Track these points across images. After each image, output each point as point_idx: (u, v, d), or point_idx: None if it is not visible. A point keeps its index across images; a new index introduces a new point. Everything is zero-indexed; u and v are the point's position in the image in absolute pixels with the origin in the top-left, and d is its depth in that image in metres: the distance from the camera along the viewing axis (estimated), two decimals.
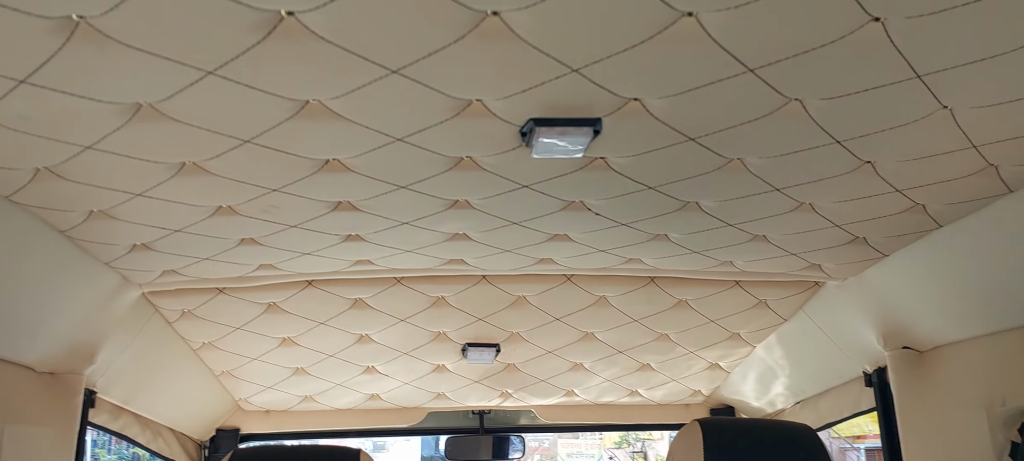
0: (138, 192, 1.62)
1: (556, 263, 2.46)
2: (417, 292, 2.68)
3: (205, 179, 1.58)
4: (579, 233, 2.15)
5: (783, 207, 1.90)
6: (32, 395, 2.16)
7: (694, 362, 3.40)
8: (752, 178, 1.71)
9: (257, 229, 1.94)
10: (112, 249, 1.97)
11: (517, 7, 1.07)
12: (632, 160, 1.63)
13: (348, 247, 2.16)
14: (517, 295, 2.78)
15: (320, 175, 1.62)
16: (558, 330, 3.05)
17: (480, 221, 2.01)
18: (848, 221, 1.99)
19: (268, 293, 2.58)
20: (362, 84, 1.25)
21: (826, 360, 2.96)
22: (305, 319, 2.78)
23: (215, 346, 2.92)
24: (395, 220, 1.97)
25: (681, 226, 2.08)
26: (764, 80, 1.26)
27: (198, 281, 2.37)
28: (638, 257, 2.39)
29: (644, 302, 2.83)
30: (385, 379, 3.44)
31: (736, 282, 2.70)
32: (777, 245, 2.22)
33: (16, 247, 1.73)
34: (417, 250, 2.25)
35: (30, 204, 1.62)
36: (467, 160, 1.62)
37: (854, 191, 1.77)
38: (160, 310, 2.56)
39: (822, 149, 1.54)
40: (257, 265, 2.27)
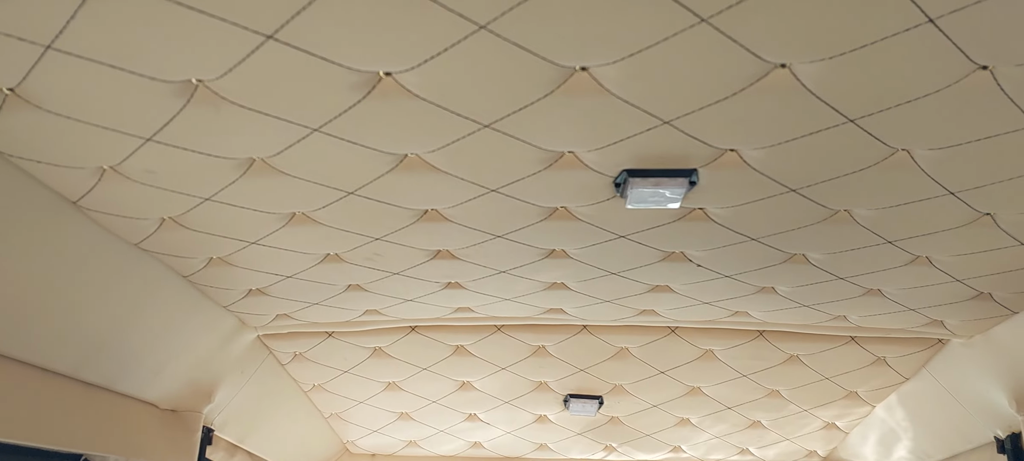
0: (253, 240, 1.71)
1: (659, 314, 2.42)
2: (517, 340, 2.69)
3: (313, 228, 1.66)
4: (681, 284, 2.11)
5: (897, 260, 1.81)
6: (155, 431, 2.29)
7: (808, 421, 3.24)
8: (861, 230, 1.64)
9: (362, 276, 2.01)
10: (229, 293, 2.08)
11: (605, 62, 1.08)
12: (732, 211, 1.60)
13: (449, 294, 2.20)
14: (619, 346, 2.75)
15: (419, 225, 1.66)
16: (663, 384, 2.98)
17: (578, 270, 2.01)
18: (970, 276, 1.87)
19: (374, 338, 2.66)
20: (456, 138, 1.28)
21: (953, 423, 2.76)
22: (409, 364, 2.85)
23: (324, 389, 3.02)
24: (493, 268, 1.99)
25: (788, 279, 2.01)
26: (866, 130, 1.22)
27: (309, 325, 2.47)
28: (745, 310, 2.32)
29: (753, 357, 2.73)
30: (487, 427, 3.46)
31: (851, 337, 2.57)
32: (893, 300, 2.11)
33: (144, 291, 1.86)
34: (516, 298, 2.27)
35: (156, 251, 1.74)
36: (562, 210, 1.63)
37: (974, 244, 1.67)
38: (274, 352, 2.67)
39: (935, 200, 1.46)
40: (363, 310, 2.35)
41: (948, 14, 0.95)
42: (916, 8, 0.94)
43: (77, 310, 1.68)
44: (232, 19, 0.96)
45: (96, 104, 1.13)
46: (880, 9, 0.95)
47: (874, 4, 0.94)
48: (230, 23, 0.96)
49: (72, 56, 1.01)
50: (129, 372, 2.07)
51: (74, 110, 1.14)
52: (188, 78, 1.09)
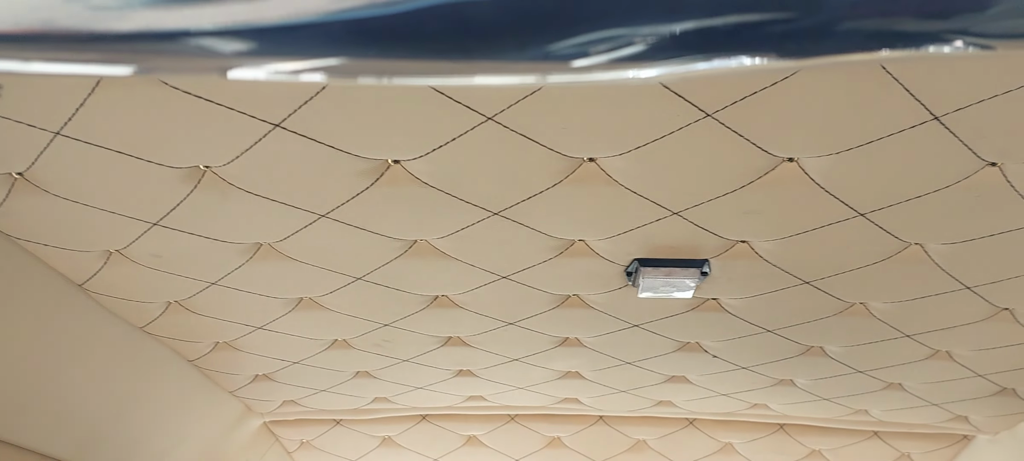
0: (259, 325, 1.70)
1: (676, 406, 2.36)
2: (532, 430, 2.63)
3: (321, 314, 1.65)
4: (697, 375, 2.07)
5: (917, 354, 1.76)
6: None
7: None
8: (878, 323, 1.61)
9: (371, 363, 1.98)
10: (236, 379, 2.06)
11: (612, 154, 1.08)
12: (746, 302, 1.57)
13: (460, 382, 2.17)
14: (636, 438, 2.68)
15: (430, 310, 1.65)
16: None
17: (592, 359, 1.97)
18: (992, 371, 1.82)
19: (383, 426, 2.61)
20: (466, 225, 1.28)
21: None
22: (419, 455, 2.78)
23: None
24: (506, 356, 1.96)
25: (807, 372, 1.96)
26: (877, 224, 1.20)
27: (316, 412, 2.43)
28: (764, 402, 2.27)
29: (774, 451, 2.65)
30: None
31: (875, 433, 2.49)
32: (915, 394, 2.05)
33: (148, 375, 1.84)
34: (530, 387, 2.23)
35: (161, 335, 1.73)
36: (574, 298, 1.61)
37: (994, 339, 1.62)
38: (280, 439, 2.63)
39: (951, 295, 1.43)
40: (372, 398, 2.31)
41: (953, 112, 0.94)
42: (921, 106, 0.93)
43: (79, 394, 1.66)
44: (240, 108, 0.97)
45: (103, 189, 1.13)
46: (885, 107, 0.94)
47: (879, 102, 0.93)
48: (238, 112, 0.97)
49: (81, 142, 1.02)
50: (132, 459, 2.04)
51: (82, 195, 1.15)
52: (195, 164, 1.10)
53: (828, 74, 0.90)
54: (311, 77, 0.41)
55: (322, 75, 0.42)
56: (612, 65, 0.43)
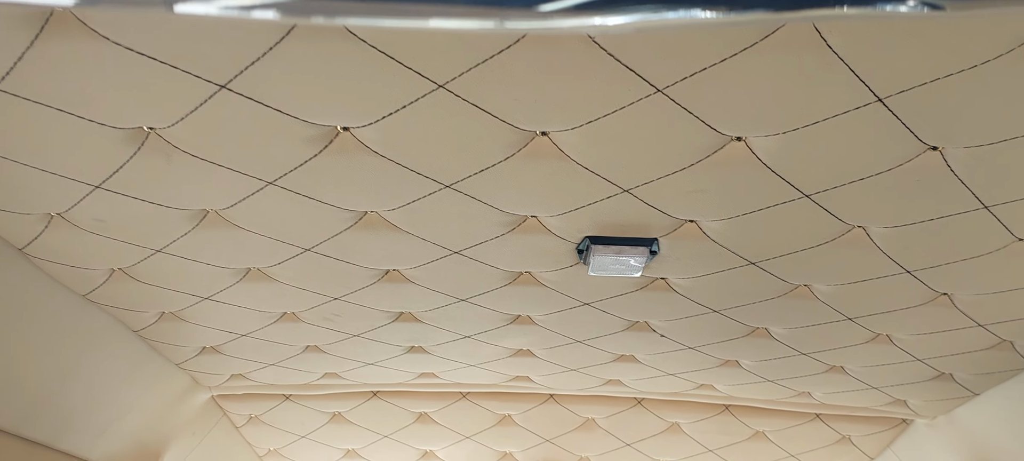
0: (206, 296, 1.67)
1: (625, 385, 2.39)
2: (483, 408, 2.64)
3: (269, 285, 1.63)
4: (646, 355, 2.09)
5: (858, 338, 1.81)
6: None
7: None
8: (821, 306, 1.64)
9: (321, 337, 1.97)
10: (182, 351, 2.03)
11: (564, 128, 1.08)
12: (693, 282, 1.59)
13: (412, 359, 2.16)
14: (586, 417, 2.71)
15: (380, 285, 1.64)
16: (629, 457, 2.93)
17: (543, 337, 1.98)
18: (930, 355, 1.87)
19: (333, 402, 2.59)
20: (417, 197, 1.27)
21: None
22: (369, 431, 2.77)
23: (280, 454, 2.93)
24: (457, 333, 1.96)
25: (752, 353, 2.00)
26: (822, 206, 1.22)
27: (265, 387, 2.40)
28: (710, 383, 2.30)
29: (719, 431, 2.70)
30: None
31: (817, 415, 2.55)
32: (856, 377, 2.10)
33: (91, 345, 1.80)
34: (481, 365, 2.23)
35: (105, 303, 1.69)
36: (526, 275, 1.61)
37: (933, 324, 1.67)
38: (228, 414, 2.60)
39: (892, 278, 1.47)
40: (322, 373, 2.30)
41: (896, 94, 0.96)
42: (865, 87, 0.95)
43: (19, 363, 1.62)
44: (184, 67, 0.95)
45: (43, 149, 1.10)
46: (831, 87, 0.96)
47: (825, 82, 0.95)
48: (182, 71, 0.95)
49: (18, 98, 0.99)
50: (72, 430, 1.99)
51: (19, 154, 1.11)
52: (139, 125, 1.07)
53: (776, 52, 0.92)
54: (263, 14, 0.40)
55: (274, 12, 0.41)
56: (577, 11, 0.43)
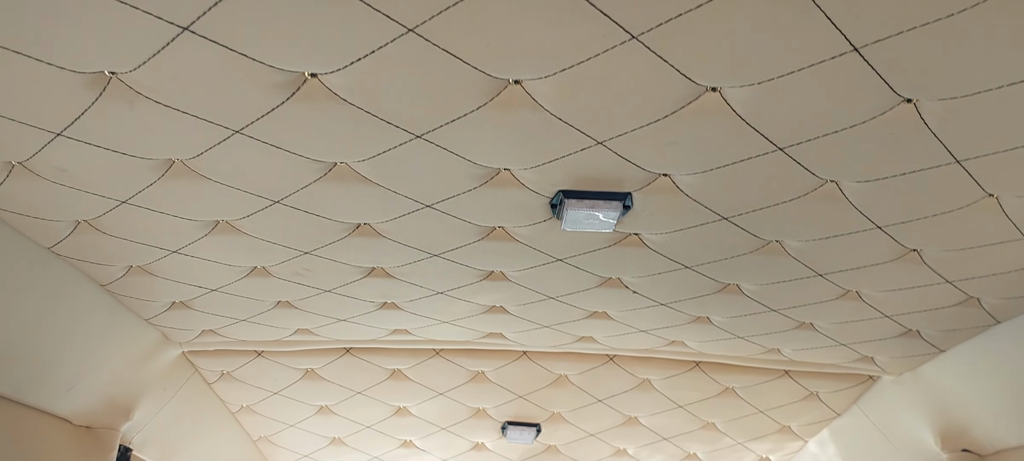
0: (174, 249, 1.64)
1: (597, 342, 2.40)
2: (456, 365, 2.65)
3: (238, 239, 1.60)
4: (618, 311, 2.10)
5: (828, 294, 1.82)
6: (66, 448, 2.18)
7: (743, 454, 3.25)
8: (792, 262, 1.65)
9: (292, 292, 1.95)
10: (151, 306, 2.00)
11: (538, 76, 1.06)
12: (666, 238, 1.59)
13: (384, 315, 2.15)
14: (558, 373, 2.72)
15: (351, 239, 1.62)
16: (601, 412, 2.96)
17: (516, 294, 1.98)
18: (898, 312, 1.90)
19: (306, 359, 2.58)
20: (387, 148, 1.25)
21: (881, 459, 2.79)
22: (343, 388, 2.77)
23: (253, 410, 2.92)
24: (430, 289, 1.95)
25: (722, 309, 2.01)
26: (795, 160, 1.22)
27: (237, 343, 2.38)
28: (681, 340, 2.32)
29: (689, 388, 2.73)
30: (422, 455, 3.38)
31: (785, 371, 2.59)
32: (825, 334, 2.13)
33: (58, 298, 1.77)
34: (454, 322, 2.23)
35: (71, 257, 1.66)
36: (499, 230, 1.60)
37: (901, 280, 1.69)
38: (199, 370, 2.58)
39: (863, 234, 1.48)
40: (294, 329, 2.28)
41: (872, 44, 0.96)
42: (841, 36, 0.94)
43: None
44: (145, 8, 0.91)
45: (1, 94, 1.07)
46: (806, 36, 0.95)
47: (801, 30, 0.94)
48: (143, 12, 0.92)
49: None
50: (40, 384, 1.97)
51: None
52: (100, 70, 1.04)
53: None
54: None
55: None
56: None
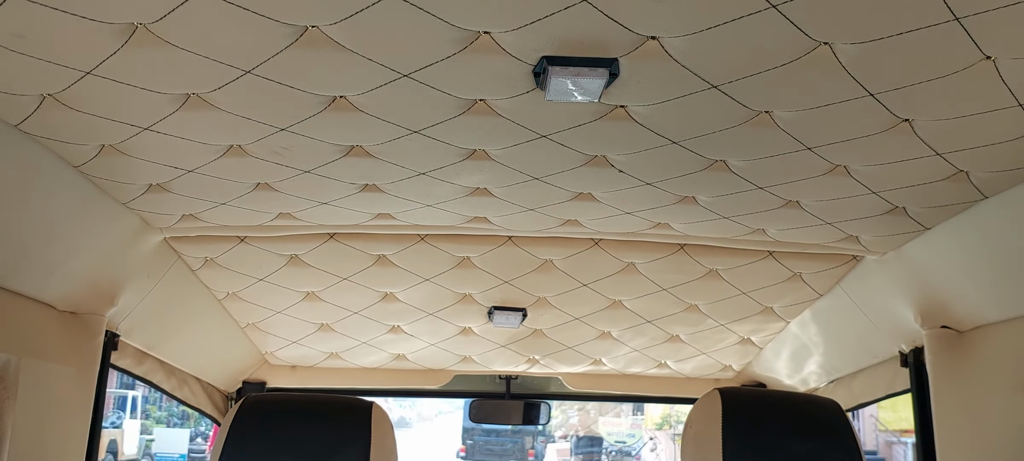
0: (145, 126, 1.59)
1: (582, 225, 2.39)
2: (441, 251, 2.64)
3: (211, 114, 1.55)
4: (604, 192, 2.08)
5: (816, 169, 1.81)
6: (52, 332, 2.18)
7: (724, 335, 3.30)
8: (781, 134, 1.62)
9: (271, 173, 1.91)
10: (128, 189, 1.96)
11: None
12: (653, 109, 1.55)
13: (366, 198, 2.12)
14: (544, 259, 2.73)
15: (328, 114, 1.57)
16: (585, 297, 2.99)
17: (500, 174, 1.95)
18: (886, 188, 1.89)
19: (290, 245, 2.57)
20: (360, 8, 1.19)
21: (862, 339, 2.85)
22: (328, 274, 2.77)
23: (239, 297, 2.92)
24: (412, 169, 1.92)
25: (709, 188, 1.99)
26: (788, 18, 1.18)
27: (219, 228, 2.36)
28: (666, 221, 2.31)
29: (674, 270, 2.75)
30: (411, 339, 3.43)
31: (770, 252, 2.60)
32: (811, 213, 2.12)
33: (30, 180, 1.73)
34: (438, 205, 2.20)
35: (39, 135, 1.61)
36: (481, 104, 1.56)
37: (891, 153, 1.67)
38: (183, 257, 2.56)
39: (855, 102, 1.44)
40: (276, 213, 2.25)
41: None
42: None
43: None
44: None
45: None
46: None
47: None
48: None
49: None
50: (20, 268, 1.95)
51: None
52: None
53: None
54: None
55: None
56: None
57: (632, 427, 24.84)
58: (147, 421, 24.65)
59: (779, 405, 1.94)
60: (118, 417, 20.49)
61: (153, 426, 24.32)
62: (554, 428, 25.98)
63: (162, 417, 26.84)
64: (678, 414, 22.84)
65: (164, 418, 26.86)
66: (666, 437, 24.32)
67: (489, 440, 21.10)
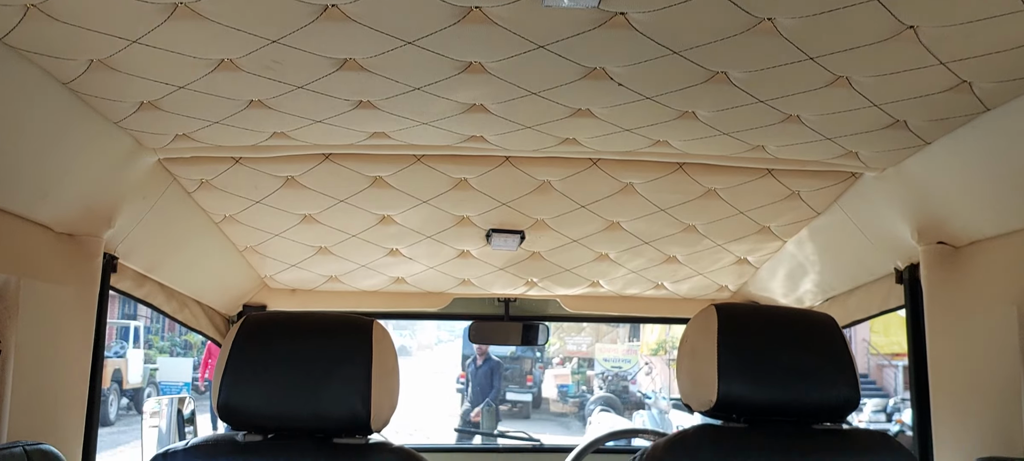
0: (134, 38, 1.56)
1: (581, 144, 2.37)
2: (438, 172, 2.63)
3: (200, 25, 1.52)
4: (602, 108, 2.05)
5: (817, 81, 1.78)
6: (50, 254, 2.18)
7: (721, 256, 3.32)
8: (783, 43, 1.59)
9: (263, 89, 1.88)
10: (119, 106, 1.93)
11: None
12: (653, 16, 1.52)
13: (361, 116, 2.10)
14: (541, 180, 2.71)
15: (319, 24, 1.54)
16: (583, 218, 2.98)
17: (496, 89, 1.92)
18: (888, 100, 1.87)
19: (285, 166, 2.55)
20: None
21: (858, 257, 2.86)
22: (325, 196, 2.76)
23: (236, 220, 2.91)
24: (406, 84, 1.89)
25: (709, 102, 1.97)
26: None
27: (213, 149, 2.34)
28: (665, 139, 2.29)
29: (672, 190, 2.74)
30: (409, 262, 3.43)
31: (768, 171, 2.59)
32: (811, 128, 2.10)
33: (19, 97, 1.70)
34: (433, 123, 2.18)
35: (26, 49, 1.57)
36: (476, 12, 1.53)
37: (894, 63, 1.64)
38: (178, 179, 2.54)
39: (859, 7, 1.41)
40: (270, 133, 2.23)
41: None
42: None
43: None
44: None
45: None
46: None
47: None
48: None
49: None
50: (14, 188, 1.93)
51: None
52: None
53: None
54: None
55: None
56: None
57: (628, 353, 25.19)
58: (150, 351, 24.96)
59: (774, 319, 1.95)
60: (121, 347, 20.72)
61: (156, 356, 24.63)
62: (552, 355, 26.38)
63: (165, 347, 27.18)
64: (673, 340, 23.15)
65: (167, 348, 27.20)
66: (661, 362, 24.71)
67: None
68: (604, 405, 17.99)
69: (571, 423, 20.86)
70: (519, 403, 20.93)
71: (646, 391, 20.27)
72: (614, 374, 22.88)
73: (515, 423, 10.55)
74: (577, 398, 22.81)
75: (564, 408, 22.95)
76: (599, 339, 27.14)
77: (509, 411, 20.37)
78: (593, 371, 24.57)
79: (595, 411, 16.02)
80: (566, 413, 22.57)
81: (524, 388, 21.31)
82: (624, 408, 19.45)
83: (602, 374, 23.22)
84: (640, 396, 20.42)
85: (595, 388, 23.19)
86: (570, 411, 22.45)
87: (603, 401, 19.05)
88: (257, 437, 1.76)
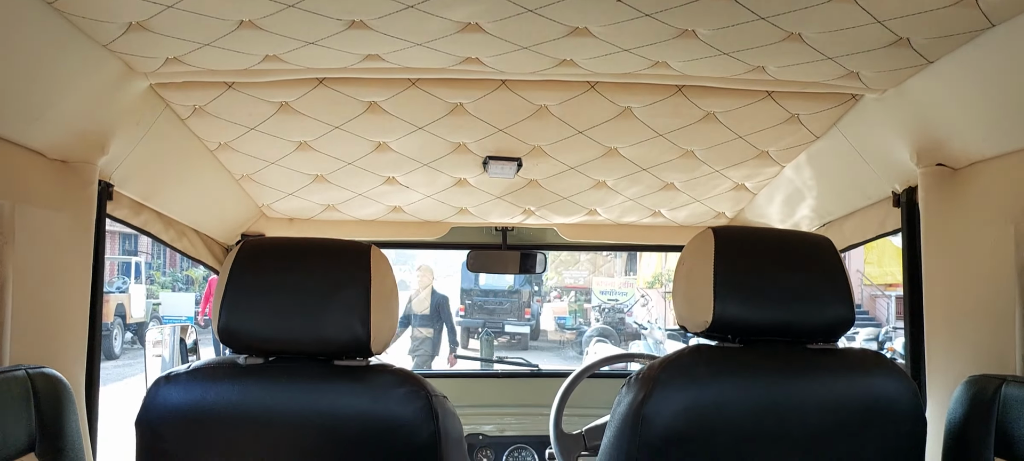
0: None
1: (578, 66, 2.34)
2: (434, 97, 2.59)
3: None
4: (600, 26, 2.02)
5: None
6: (44, 180, 2.17)
7: (719, 182, 3.31)
8: None
9: (253, 9, 1.85)
10: (107, 28, 1.90)
11: None
12: None
13: (354, 37, 2.06)
14: (538, 104, 2.68)
15: None
16: (581, 144, 2.96)
17: (491, 5, 1.88)
18: (891, 16, 1.83)
19: (279, 91, 2.52)
20: None
21: (856, 180, 2.85)
22: (320, 122, 2.73)
23: (231, 147, 2.89)
24: (400, 2, 1.85)
25: (710, 19, 1.93)
26: None
27: (205, 73, 2.30)
28: (664, 60, 2.26)
29: (670, 114, 2.71)
30: (406, 191, 3.42)
31: (768, 93, 2.56)
32: (813, 47, 2.07)
33: (5, 19, 1.66)
34: (428, 43, 2.14)
35: None
36: None
37: None
38: (171, 105, 2.52)
39: None
40: (262, 56, 2.19)
41: None
42: None
43: None
44: None
45: None
46: None
47: None
48: None
49: None
50: (4, 114, 1.91)
51: None
52: None
53: None
54: None
55: None
56: None
57: (624, 285, 25.39)
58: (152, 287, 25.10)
59: (771, 240, 1.95)
60: (123, 282, 20.84)
61: (158, 291, 24.79)
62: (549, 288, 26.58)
63: (167, 283, 27.34)
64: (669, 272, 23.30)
65: (169, 283, 27.36)
66: (657, 295, 24.92)
67: (487, 300, 21.59)
68: (601, 336, 18.24)
69: (568, 353, 21.16)
70: (517, 335, 21.19)
71: (642, 322, 20.51)
72: (611, 306, 23.10)
73: (514, 354, 10.66)
74: (574, 330, 23.10)
75: (562, 337, 23.28)
76: (596, 272, 27.33)
77: (508, 342, 20.64)
78: (590, 304, 24.82)
79: (592, 341, 16.24)
80: (564, 342, 22.89)
81: (522, 320, 21.55)
82: (620, 339, 19.73)
83: (599, 306, 23.46)
84: (636, 327, 20.67)
85: (592, 320, 23.46)
86: (568, 339, 22.78)
87: (600, 332, 19.30)
88: (258, 360, 1.78)
